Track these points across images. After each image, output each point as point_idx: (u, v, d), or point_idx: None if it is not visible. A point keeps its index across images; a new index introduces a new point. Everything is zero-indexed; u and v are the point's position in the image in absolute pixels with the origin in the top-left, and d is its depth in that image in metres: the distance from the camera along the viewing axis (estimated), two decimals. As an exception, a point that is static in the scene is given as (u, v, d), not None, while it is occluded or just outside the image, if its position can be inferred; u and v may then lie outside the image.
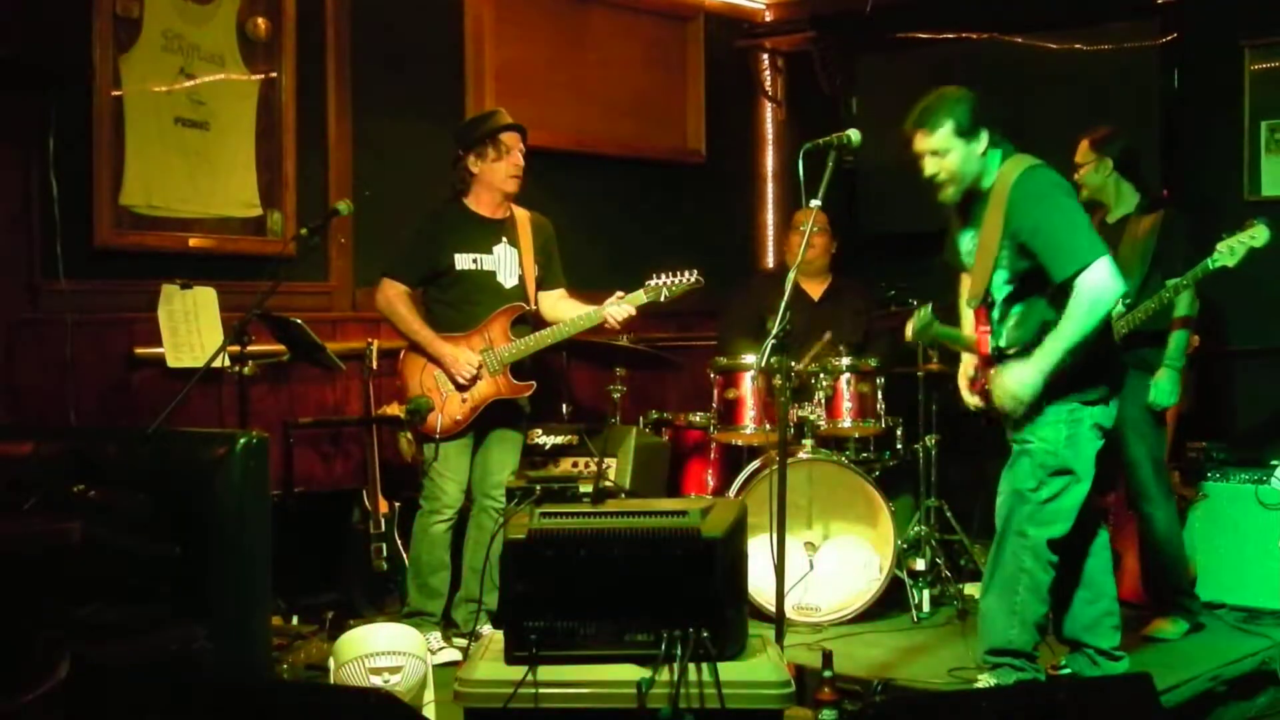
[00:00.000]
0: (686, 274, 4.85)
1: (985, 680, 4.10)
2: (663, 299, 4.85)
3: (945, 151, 4.02)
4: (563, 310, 5.00)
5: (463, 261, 4.89)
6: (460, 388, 4.83)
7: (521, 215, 5.03)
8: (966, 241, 4.20)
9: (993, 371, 4.11)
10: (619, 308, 4.86)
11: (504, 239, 4.96)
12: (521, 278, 4.96)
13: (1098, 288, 3.85)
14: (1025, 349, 4.02)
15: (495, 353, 4.85)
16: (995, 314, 4.13)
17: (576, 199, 6.54)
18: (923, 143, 4.05)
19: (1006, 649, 4.06)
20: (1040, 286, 3.99)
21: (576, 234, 6.52)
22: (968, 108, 4.02)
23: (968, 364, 4.35)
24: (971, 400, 4.31)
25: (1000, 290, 4.08)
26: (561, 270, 5.12)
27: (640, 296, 4.86)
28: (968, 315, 4.27)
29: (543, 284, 5.05)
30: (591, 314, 4.89)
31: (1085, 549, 4.25)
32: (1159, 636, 4.87)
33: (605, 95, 6.63)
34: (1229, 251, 4.48)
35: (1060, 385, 3.99)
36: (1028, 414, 4.04)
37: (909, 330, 4.42)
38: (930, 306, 4.37)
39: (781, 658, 3.53)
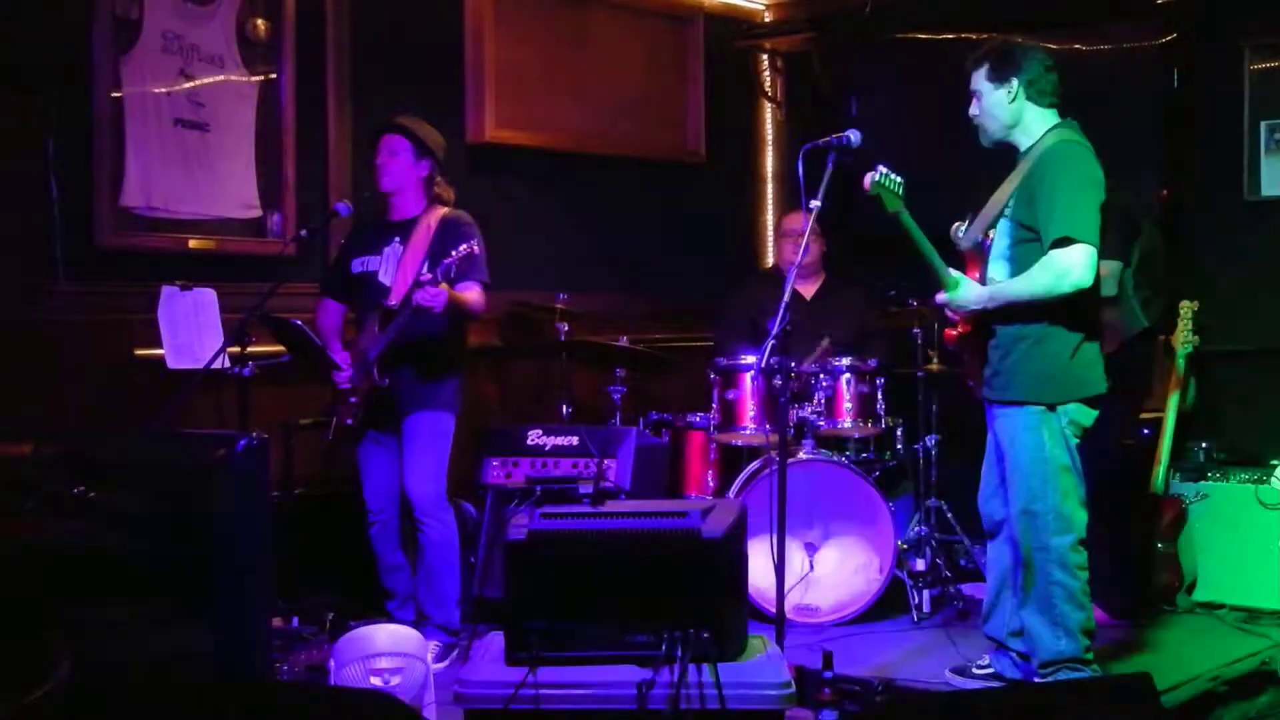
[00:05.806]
0: None
1: None
2: None
3: (979, 94, 4.17)
4: None
5: (356, 266, 4.93)
6: (343, 390, 4.84)
7: (433, 216, 4.88)
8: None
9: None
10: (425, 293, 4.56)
11: (396, 238, 4.88)
12: (398, 275, 4.81)
13: (1068, 265, 3.90)
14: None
15: (359, 350, 4.83)
16: (990, 267, 4.18)
17: (576, 199, 6.53)
18: (970, 82, 4.20)
19: (1058, 659, 4.08)
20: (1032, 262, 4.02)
21: (576, 234, 6.54)
22: (1005, 56, 4.14)
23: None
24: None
25: (999, 243, 4.14)
26: (474, 268, 4.73)
27: None
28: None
29: (456, 280, 4.68)
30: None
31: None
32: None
33: (605, 95, 6.62)
34: None
35: (1033, 388, 4.03)
36: (1009, 423, 4.07)
37: (868, 180, 4.09)
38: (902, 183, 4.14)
39: (781, 658, 3.54)
